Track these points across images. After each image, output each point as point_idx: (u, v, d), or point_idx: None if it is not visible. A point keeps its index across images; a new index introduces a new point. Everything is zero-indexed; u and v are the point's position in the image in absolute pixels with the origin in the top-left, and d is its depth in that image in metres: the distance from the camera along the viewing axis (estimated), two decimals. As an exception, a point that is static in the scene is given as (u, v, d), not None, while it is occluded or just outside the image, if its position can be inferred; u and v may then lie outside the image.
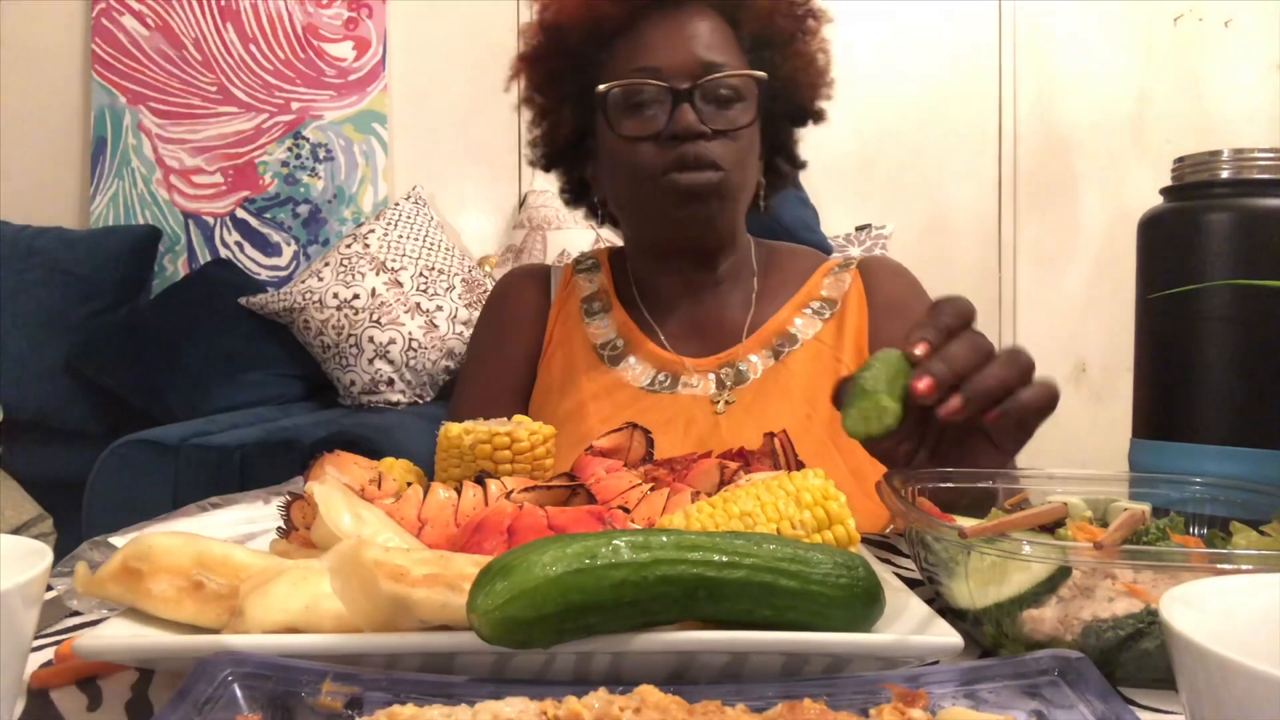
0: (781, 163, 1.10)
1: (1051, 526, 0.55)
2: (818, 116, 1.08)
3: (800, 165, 1.12)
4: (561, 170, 1.12)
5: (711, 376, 1.00)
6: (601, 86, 0.96)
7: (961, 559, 0.50)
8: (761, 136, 1.03)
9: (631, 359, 1.03)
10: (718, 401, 0.98)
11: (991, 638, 0.51)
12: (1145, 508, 0.55)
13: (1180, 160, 0.65)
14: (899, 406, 0.56)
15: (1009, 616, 0.49)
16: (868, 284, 1.05)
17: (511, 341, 1.10)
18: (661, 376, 1.01)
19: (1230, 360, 0.61)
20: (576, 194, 1.14)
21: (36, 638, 0.54)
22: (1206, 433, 0.62)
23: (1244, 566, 0.43)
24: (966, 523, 0.53)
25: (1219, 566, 0.43)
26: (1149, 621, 0.46)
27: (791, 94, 1.03)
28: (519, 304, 1.12)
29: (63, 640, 0.53)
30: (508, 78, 1.09)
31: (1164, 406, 0.65)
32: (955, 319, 0.64)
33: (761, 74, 0.97)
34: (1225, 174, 0.62)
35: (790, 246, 1.16)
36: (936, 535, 0.50)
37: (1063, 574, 0.47)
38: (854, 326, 1.02)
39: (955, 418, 0.59)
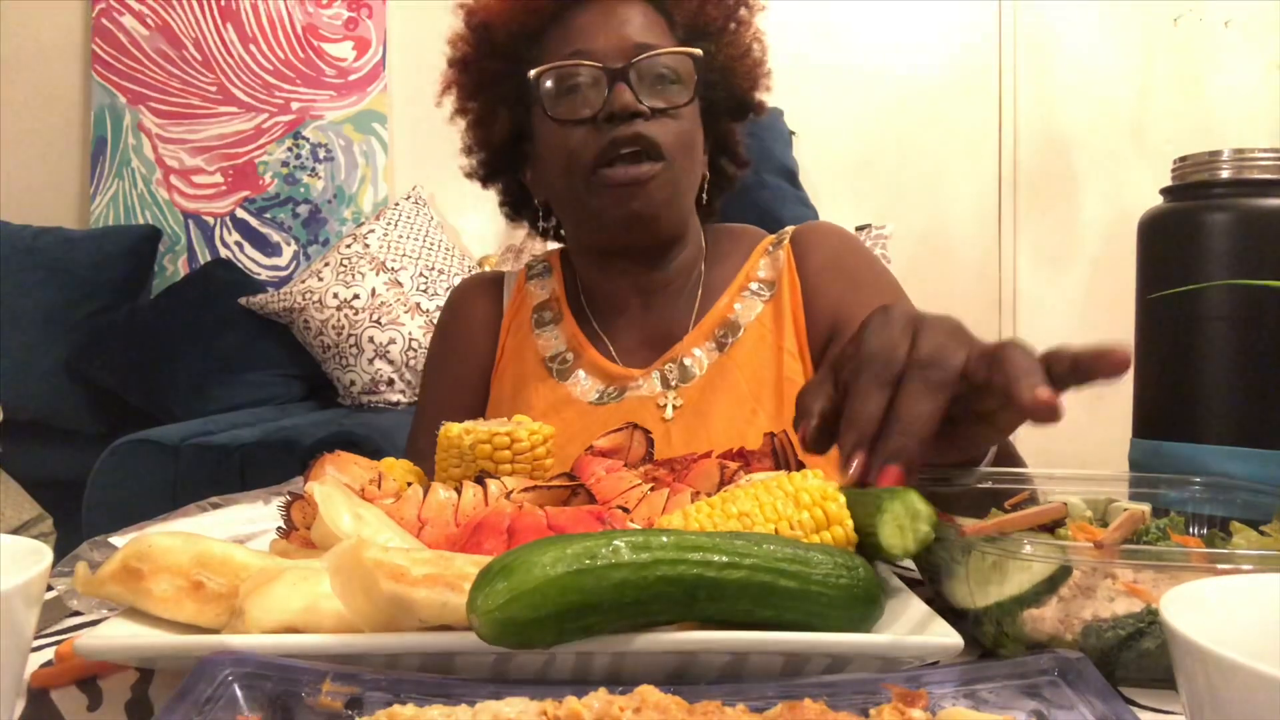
0: (727, 164, 1.06)
1: (1051, 526, 0.55)
2: (758, 109, 1.04)
3: (745, 164, 1.08)
4: (501, 180, 1.08)
5: (656, 375, 0.97)
6: (534, 71, 0.92)
7: (961, 558, 0.50)
8: (704, 133, 0.99)
9: (580, 373, 0.99)
10: (664, 405, 0.95)
11: (992, 637, 0.51)
12: (1145, 508, 0.55)
13: (1181, 160, 0.65)
14: (929, 507, 0.50)
15: (1009, 616, 0.49)
16: (798, 255, 1.00)
17: (462, 359, 1.07)
18: (611, 389, 0.97)
19: (1229, 360, 0.61)
20: (517, 204, 1.10)
21: (36, 638, 0.54)
22: (1206, 432, 0.61)
23: (1244, 566, 0.43)
24: (966, 523, 0.53)
25: (1219, 566, 0.43)
26: (1149, 621, 0.46)
27: (729, 85, 1.00)
28: (468, 319, 1.08)
29: (63, 640, 0.53)
30: (438, 93, 1.05)
31: (1164, 406, 0.65)
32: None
33: (697, 51, 0.93)
34: (1225, 174, 0.62)
35: (735, 228, 1.10)
36: (937, 535, 0.50)
37: (1063, 573, 0.47)
38: (791, 305, 0.98)
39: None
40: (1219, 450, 0.61)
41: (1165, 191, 0.66)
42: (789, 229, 1.06)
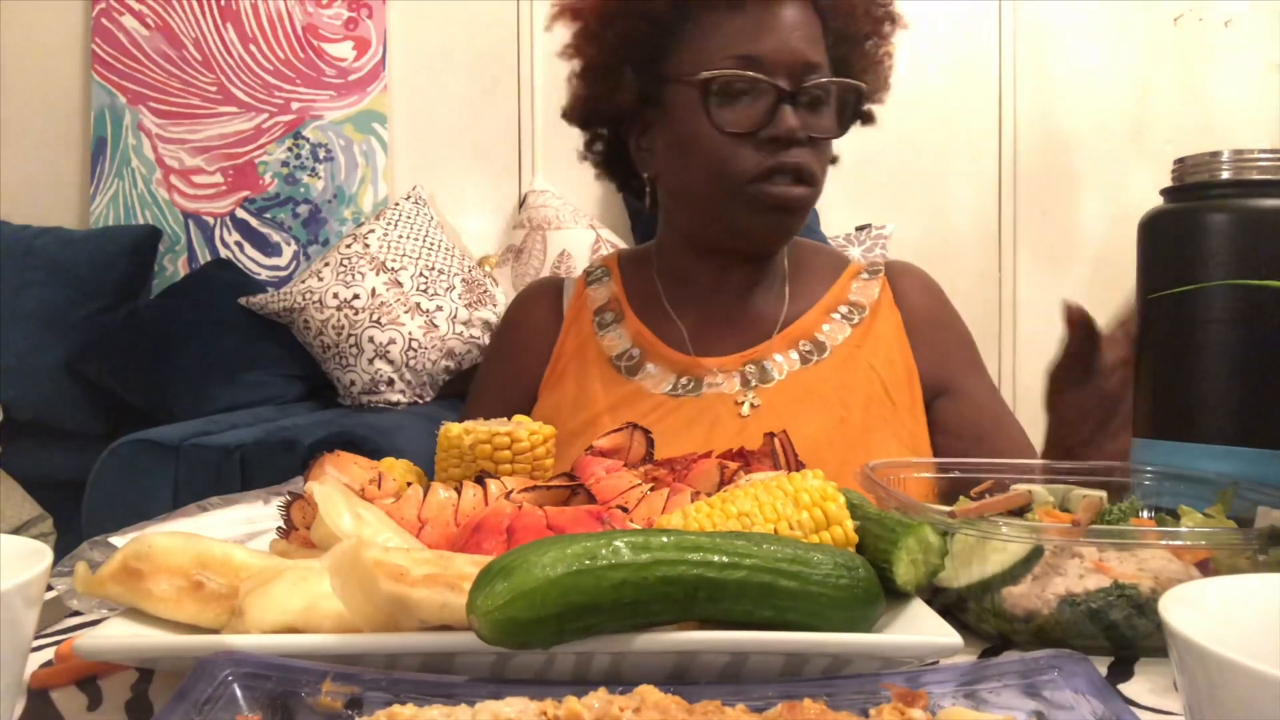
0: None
1: (1019, 512, 0.59)
2: (868, 118, 1.04)
3: (834, 160, 1.08)
4: (595, 131, 1.06)
5: (736, 375, 0.97)
6: (704, 74, 0.90)
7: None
8: None
9: (650, 366, 0.99)
10: (742, 402, 0.95)
11: (976, 614, 0.54)
12: (1102, 494, 0.60)
13: (1180, 161, 0.66)
14: (941, 539, 0.52)
15: (991, 594, 0.53)
16: (896, 290, 1.04)
17: (515, 362, 1.06)
18: (684, 380, 0.97)
19: (1229, 360, 0.61)
20: (609, 159, 1.07)
21: (36, 638, 0.54)
22: (1206, 432, 0.62)
23: (1188, 542, 0.52)
24: (954, 509, 0.56)
25: (1168, 543, 0.52)
26: (1117, 595, 0.51)
27: (859, 95, 1.00)
28: (527, 325, 1.08)
29: (63, 640, 0.53)
30: (551, 16, 1.01)
31: (1164, 405, 0.65)
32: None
33: (863, 85, 0.95)
34: (1225, 174, 0.62)
35: (814, 245, 1.13)
36: (926, 519, 0.53)
37: (1037, 554, 0.52)
38: (884, 331, 1.00)
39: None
40: (1217, 449, 0.62)
41: (1165, 192, 0.66)
42: (880, 261, 1.10)
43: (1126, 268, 0.78)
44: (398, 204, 2.44)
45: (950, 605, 0.56)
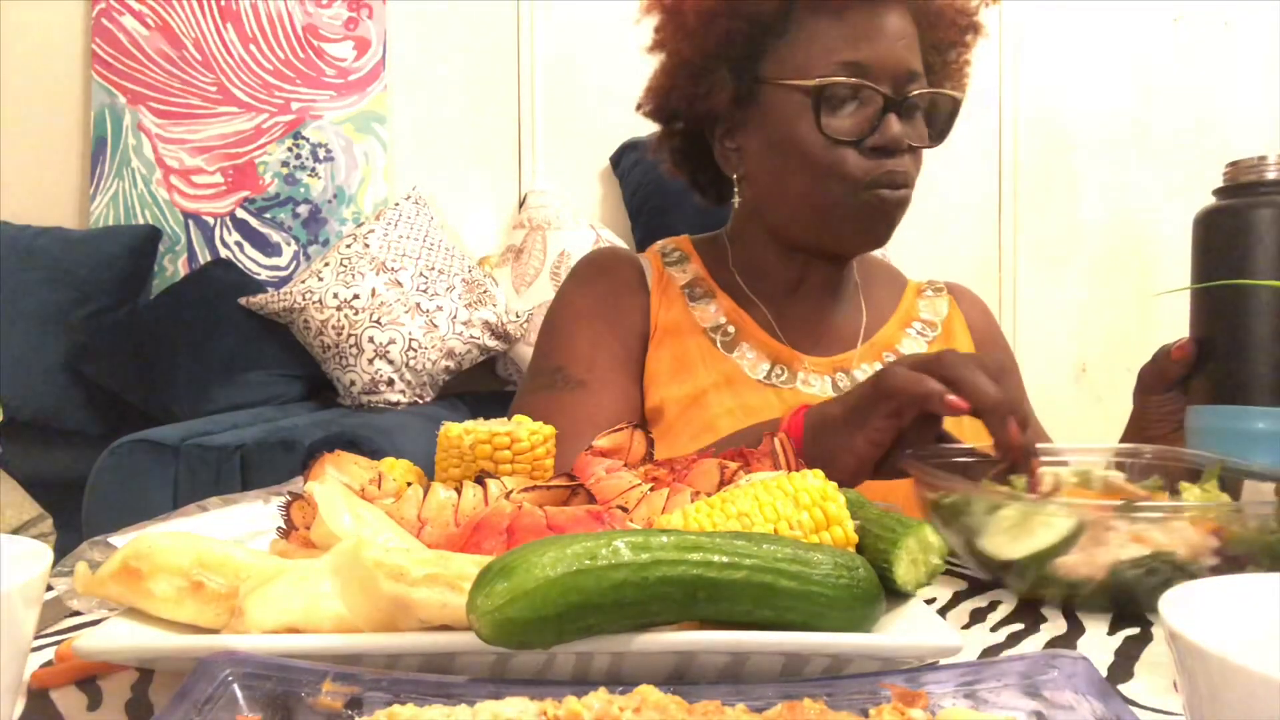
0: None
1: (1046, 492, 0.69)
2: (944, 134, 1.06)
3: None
4: (673, 128, 1.05)
5: (827, 379, 0.98)
6: (815, 82, 0.91)
7: (987, 517, 0.62)
8: None
9: (745, 345, 1.00)
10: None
11: (1031, 582, 0.62)
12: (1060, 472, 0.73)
13: (1233, 163, 0.76)
14: (940, 539, 0.55)
15: (1045, 565, 0.60)
16: (964, 311, 1.07)
17: (621, 323, 1.02)
18: (778, 370, 0.98)
19: (1269, 332, 0.72)
20: (685, 153, 1.07)
21: (36, 638, 0.54)
22: (1254, 396, 0.72)
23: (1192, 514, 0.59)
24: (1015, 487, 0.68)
25: (1176, 515, 0.59)
26: (1160, 560, 0.58)
27: (940, 103, 1.00)
28: (624, 284, 1.05)
29: (63, 640, 0.53)
30: (644, 8, 1.00)
31: (1219, 376, 0.75)
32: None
33: (961, 95, 0.96)
34: (1271, 175, 0.72)
35: (874, 257, 1.15)
36: (968, 500, 0.63)
37: (1081, 529, 0.59)
38: (961, 349, 1.01)
39: None
40: (1265, 411, 0.72)
41: (1218, 191, 0.77)
42: (939, 281, 1.13)
43: (1127, 267, 0.82)
44: (398, 204, 2.44)
45: (997, 574, 0.64)
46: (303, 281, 2.27)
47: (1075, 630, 0.58)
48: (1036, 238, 2.65)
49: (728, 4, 0.95)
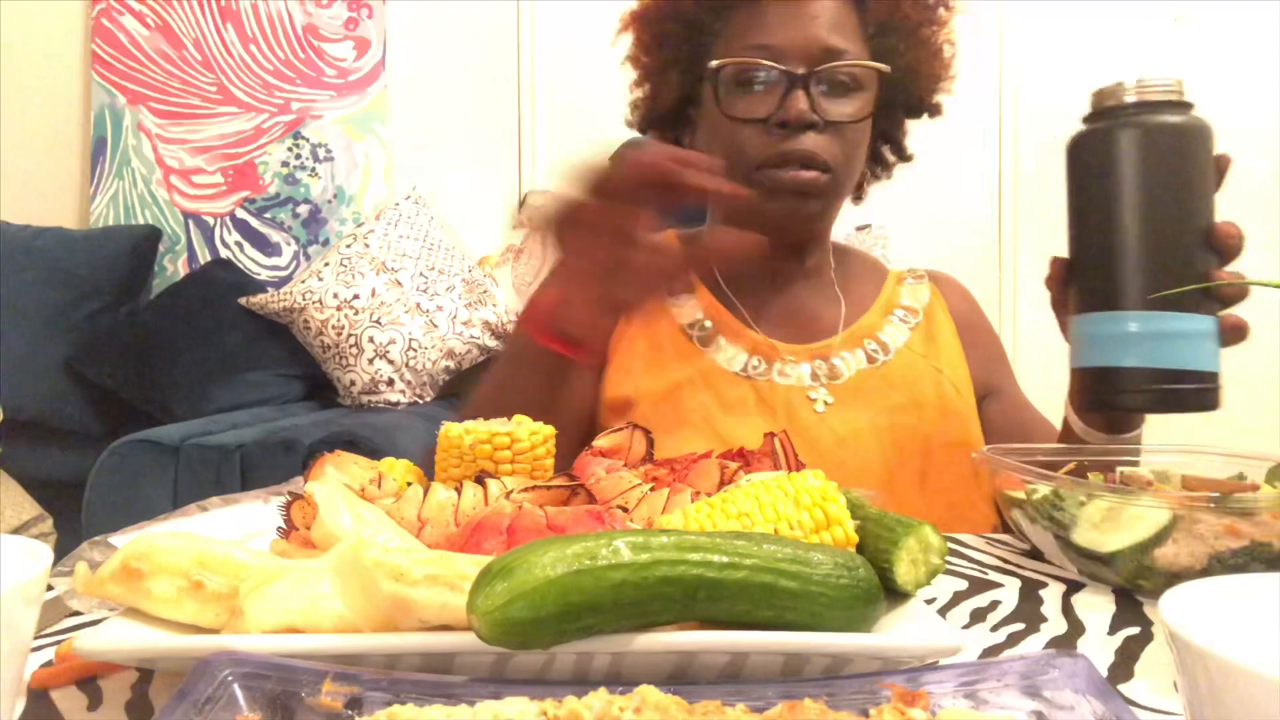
0: (888, 153, 1.08)
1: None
2: (934, 110, 1.04)
3: (907, 158, 1.09)
4: (658, 135, 1.07)
5: (805, 367, 0.98)
6: (714, 62, 0.93)
7: (1078, 511, 0.66)
8: (873, 125, 1.00)
9: (721, 340, 0.99)
10: (815, 400, 0.95)
11: (1129, 573, 0.64)
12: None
13: (1097, 91, 0.79)
14: (942, 540, 0.56)
15: (1144, 557, 0.63)
16: (945, 297, 1.07)
17: None
18: (755, 361, 0.98)
19: (1142, 239, 0.75)
20: None
21: (36, 638, 0.54)
22: (1127, 300, 0.75)
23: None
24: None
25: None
26: (1256, 550, 0.62)
27: (910, 84, 0.99)
28: None
29: (63, 640, 0.53)
30: (616, 31, 1.04)
31: (1090, 285, 0.79)
32: None
33: (884, 66, 0.93)
34: (1131, 98, 0.76)
35: (854, 249, 1.15)
36: (1059, 495, 0.67)
37: (1175, 521, 0.62)
38: (942, 336, 1.02)
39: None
40: (1123, 315, 0.75)
41: (1084, 118, 0.80)
42: (920, 268, 1.12)
43: None
44: (398, 204, 2.44)
45: (1089, 567, 0.67)
46: (303, 281, 2.27)
47: (1075, 630, 0.58)
48: (1036, 238, 2.65)
49: (670, 7, 0.98)
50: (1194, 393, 0.73)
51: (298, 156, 2.64)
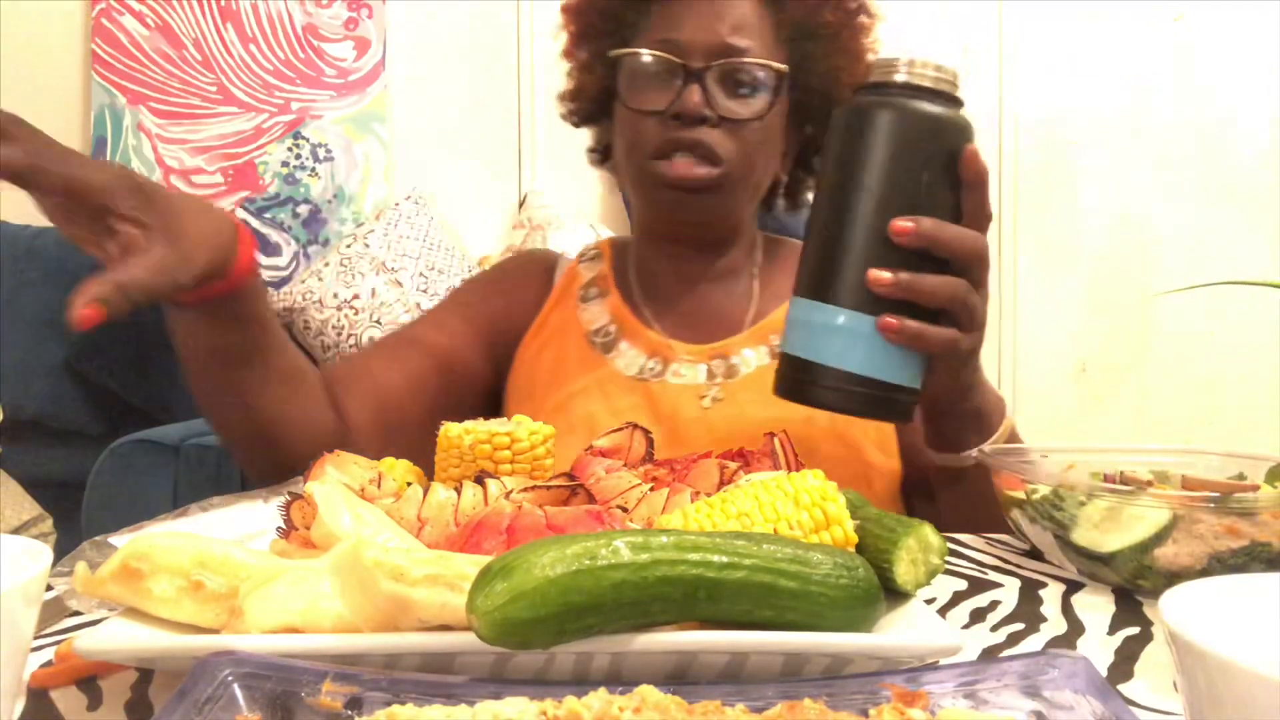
0: (816, 160, 1.06)
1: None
2: None
3: (805, 168, 1.07)
4: (593, 129, 1.09)
5: (702, 367, 0.97)
6: (614, 52, 0.94)
7: (1078, 511, 0.66)
8: (795, 132, 1.00)
9: (623, 344, 0.99)
10: (704, 397, 0.95)
11: (1130, 573, 0.64)
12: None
13: (872, 62, 0.76)
14: (941, 540, 0.55)
15: (1143, 555, 0.63)
16: None
17: (506, 304, 1.06)
18: (652, 363, 0.97)
19: (866, 238, 0.69)
20: (603, 156, 1.11)
21: (36, 638, 0.54)
22: (841, 297, 0.70)
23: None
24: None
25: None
26: (1256, 550, 0.62)
27: (831, 90, 0.97)
28: (522, 279, 1.09)
29: (63, 640, 0.53)
30: (559, 25, 1.05)
31: (813, 270, 0.73)
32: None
33: (781, 67, 0.92)
34: (900, 77, 0.70)
35: (794, 243, 1.12)
36: (1058, 495, 0.67)
37: (1175, 521, 0.62)
38: None
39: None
40: (808, 303, 0.71)
41: (856, 90, 0.75)
42: None
43: (1127, 268, 0.81)
44: (398, 204, 2.43)
45: (1089, 567, 0.67)
46: (303, 281, 2.27)
47: (1075, 630, 0.58)
48: (1036, 238, 2.65)
49: (594, 0, 0.99)
50: (890, 401, 0.69)
51: (298, 156, 2.64)
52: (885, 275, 0.67)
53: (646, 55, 0.92)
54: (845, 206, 0.69)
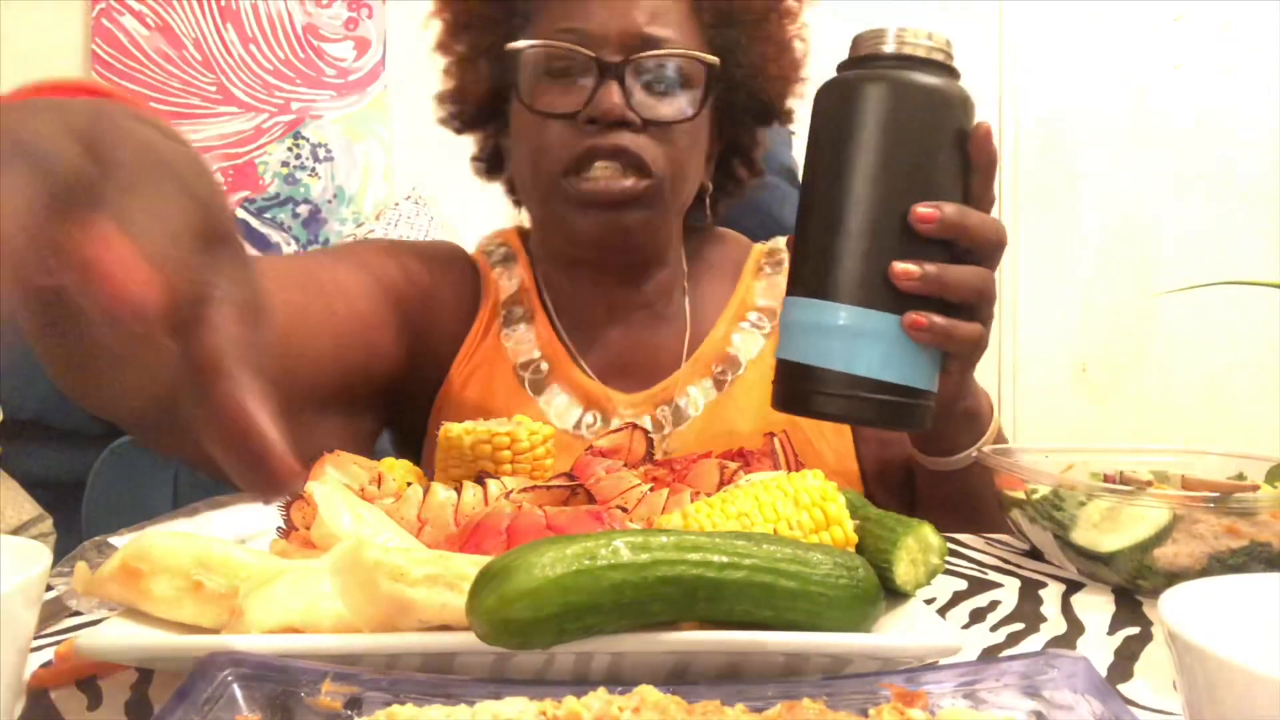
0: (739, 167, 0.93)
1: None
2: (785, 116, 0.90)
3: (759, 173, 0.95)
4: (477, 134, 0.95)
5: (646, 419, 0.85)
6: (513, 44, 0.79)
7: (1078, 511, 0.66)
8: (718, 133, 0.88)
9: (555, 388, 0.86)
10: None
11: (1130, 573, 0.64)
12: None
13: (857, 36, 0.67)
14: (941, 540, 0.54)
15: (1143, 555, 0.63)
16: None
17: (418, 296, 0.87)
18: (589, 417, 0.85)
19: (864, 227, 0.62)
20: (492, 165, 0.96)
21: (36, 638, 0.54)
22: (842, 293, 0.62)
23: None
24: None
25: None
26: (1255, 550, 0.62)
27: (757, 85, 0.87)
28: (448, 292, 0.90)
29: (63, 640, 0.53)
30: (430, 13, 0.90)
31: (808, 269, 0.65)
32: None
33: (712, 59, 0.80)
34: (888, 48, 0.64)
35: (717, 233, 0.98)
36: (1074, 494, 0.66)
37: (1175, 521, 0.62)
38: None
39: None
40: (818, 304, 0.63)
41: (838, 65, 0.67)
42: (781, 250, 0.95)
43: (1127, 268, 0.80)
44: (397, 204, 2.44)
45: (1088, 567, 0.66)
46: (303, 281, 2.27)
47: (1075, 630, 0.58)
48: (1036, 237, 2.65)
49: None
50: (908, 407, 0.61)
51: (297, 157, 2.64)
52: (912, 268, 0.60)
53: (550, 47, 0.78)
54: (844, 194, 0.61)
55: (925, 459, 0.79)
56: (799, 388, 0.63)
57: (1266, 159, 2.56)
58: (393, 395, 0.87)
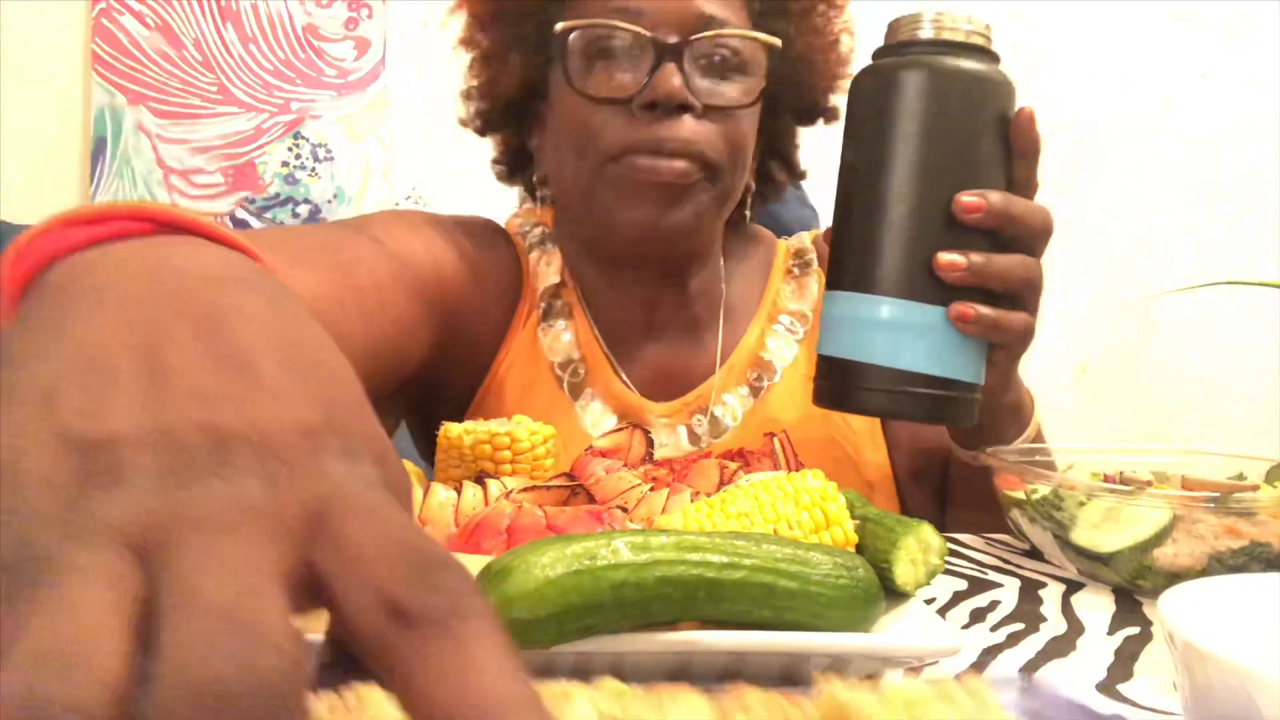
0: (778, 169, 0.90)
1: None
2: (830, 114, 0.87)
3: (800, 175, 0.92)
4: (500, 135, 0.91)
5: (682, 429, 0.83)
6: (562, 24, 0.74)
7: (1078, 511, 0.66)
8: (762, 130, 0.83)
9: (590, 391, 0.82)
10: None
11: (1130, 574, 0.64)
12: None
13: (893, 21, 0.65)
14: (941, 540, 0.54)
15: (1143, 556, 0.63)
16: None
17: (456, 289, 0.81)
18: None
19: (907, 218, 0.61)
20: (514, 167, 0.93)
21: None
22: (884, 285, 0.61)
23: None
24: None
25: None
26: (1255, 551, 0.62)
27: (801, 80, 0.83)
28: (490, 267, 0.86)
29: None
30: (450, 9, 0.86)
31: (849, 261, 0.64)
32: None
33: (774, 40, 0.76)
34: (925, 34, 0.62)
35: (750, 231, 0.94)
36: (1058, 494, 0.66)
37: (1174, 521, 0.62)
38: None
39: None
40: (863, 298, 0.62)
41: (874, 53, 0.66)
42: (809, 249, 0.92)
43: (1130, 268, 0.80)
44: (397, 204, 2.44)
45: (1088, 567, 0.66)
46: (303, 281, 2.27)
47: (1075, 630, 0.58)
48: (1036, 238, 2.65)
49: None
50: (954, 401, 0.60)
51: (298, 157, 2.64)
52: (957, 259, 0.57)
53: (603, 27, 0.73)
54: (885, 185, 0.60)
55: (966, 454, 0.76)
56: (842, 384, 0.61)
57: (1266, 159, 2.56)
58: (417, 396, 0.84)
